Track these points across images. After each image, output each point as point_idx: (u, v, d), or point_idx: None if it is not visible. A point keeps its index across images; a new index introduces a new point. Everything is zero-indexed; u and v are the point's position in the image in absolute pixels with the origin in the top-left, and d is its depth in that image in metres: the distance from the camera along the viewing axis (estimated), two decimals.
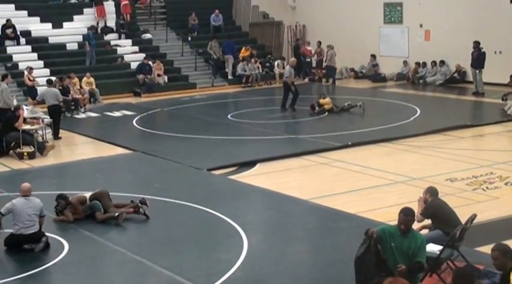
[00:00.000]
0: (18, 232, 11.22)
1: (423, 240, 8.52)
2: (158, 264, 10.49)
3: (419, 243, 8.43)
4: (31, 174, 16.72)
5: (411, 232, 8.51)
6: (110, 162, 17.82)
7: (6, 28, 29.47)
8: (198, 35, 33.38)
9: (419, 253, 8.40)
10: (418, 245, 8.40)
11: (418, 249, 8.40)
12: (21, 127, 18.50)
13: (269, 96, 28.41)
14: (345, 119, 22.46)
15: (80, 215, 12.76)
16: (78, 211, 12.74)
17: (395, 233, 8.53)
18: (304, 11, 35.46)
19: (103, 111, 25.34)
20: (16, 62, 28.72)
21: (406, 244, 8.43)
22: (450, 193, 13.32)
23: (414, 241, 8.43)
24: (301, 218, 12.80)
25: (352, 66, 33.13)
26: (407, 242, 8.44)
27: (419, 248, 8.40)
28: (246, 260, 10.49)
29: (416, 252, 8.39)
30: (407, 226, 8.47)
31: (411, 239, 8.44)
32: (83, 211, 12.79)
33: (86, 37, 29.94)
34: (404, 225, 8.47)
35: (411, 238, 8.46)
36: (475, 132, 19.85)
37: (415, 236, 8.50)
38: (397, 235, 8.50)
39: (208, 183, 15.51)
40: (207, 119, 23.33)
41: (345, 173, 15.82)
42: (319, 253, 11.02)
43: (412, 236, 8.48)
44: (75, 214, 12.73)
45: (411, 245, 8.41)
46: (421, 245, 8.42)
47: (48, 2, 32.36)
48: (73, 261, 10.89)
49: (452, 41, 28.74)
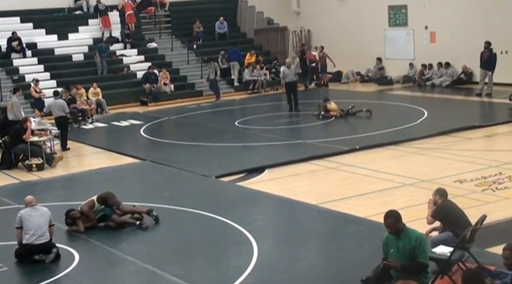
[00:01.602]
0: (28, 241, 11.23)
1: (420, 239, 8.39)
2: (169, 272, 10.49)
3: (414, 242, 8.32)
4: (40, 185, 16.76)
5: (404, 232, 8.43)
6: (118, 172, 17.84)
7: (12, 41, 29.57)
8: (203, 43, 33.42)
9: (419, 253, 8.33)
10: (413, 245, 8.30)
11: (416, 249, 8.31)
12: (29, 139, 18.55)
13: (276, 102, 28.39)
14: (352, 123, 22.44)
15: (93, 223, 12.78)
16: (90, 218, 12.77)
17: (391, 238, 8.51)
18: (308, 16, 35.48)
19: (110, 121, 25.38)
20: (23, 74, 28.80)
21: (401, 245, 8.39)
22: (459, 194, 13.29)
23: (408, 241, 8.36)
24: (311, 224, 12.79)
25: (358, 69, 33.12)
26: (402, 243, 8.39)
27: (416, 247, 8.30)
28: (257, 267, 10.49)
29: (415, 252, 8.33)
30: (391, 228, 8.42)
31: (405, 240, 8.38)
32: (94, 218, 12.81)
33: (98, 49, 30.01)
34: (388, 228, 8.45)
35: (405, 238, 8.39)
36: (483, 133, 19.80)
37: (408, 236, 8.40)
38: (392, 239, 8.49)
39: (217, 190, 15.51)
40: (214, 126, 23.35)
41: (354, 177, 15.80)
42: (330, 258, 11.00)
43: (405, 236, 8.40)
44: (88, 222, 12.75)
45: (406, 245, 8.35)
46: (417, 245, 8.30)
47: (53, 13, 32.45)
48: (84, 272, 10.90)
49: (458, 42, 28.71)
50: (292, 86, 25.16)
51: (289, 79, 25.08)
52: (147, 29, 34.00)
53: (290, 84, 25.12)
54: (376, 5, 32.11)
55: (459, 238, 9.26)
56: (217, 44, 33.37)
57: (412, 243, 8.33)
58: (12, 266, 11.21)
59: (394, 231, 8.43)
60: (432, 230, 10.06)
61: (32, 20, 31.25)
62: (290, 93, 24.95)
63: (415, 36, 31.01)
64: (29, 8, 31.38)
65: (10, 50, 29.64)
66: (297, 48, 35.47)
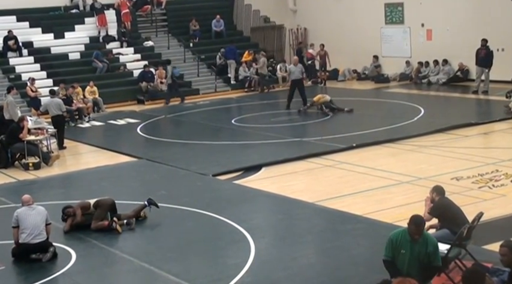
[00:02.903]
0: (25, 240, 11.23)
1: (435, 244, 8.44)
2: (166, 271, 10.49)
3: (432, 249, 8.36)
4: (37, 184, 16.74)
5: (422, 236, 8.46)
6: (115, 170, 17.83)
7: (8, 39, 29.53)
8: (200, 41, 33.41)
9: (435, 257, 8.38)
10: (430, 251, 8.35)
11: (432, 254, 8.35)
12: (25, 138, 18.53)
13: (272, 100, 28.40)
14: (349, 121, 22.44)
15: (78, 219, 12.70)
16: (77, 215, 12.70)
17: (405, 239, 8.46)
18: (305, 14, 35.48)
19: (107, 119, 25.36)
20: (19, 73, 28.77)
21: (417, 249, 8.39)
22: (456, 191, 13.29)
23: (425, 246, 8.37)
24: (308, 221, 12.79)
25: (354, 67, 33.14)
26: (418, 247, 8.39)
27: (433, 253, 8.36)
28: (254, 265, 10.48)
29: (430, 258, 8.34)
30: (418, 234, 8.41)
31: (422, 245, 8.39)
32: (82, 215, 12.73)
33: (95, 56, 30.01)
34: (418, 235, 8.42)
35: (422, 243, 8.41)
36: (480, 130, 19.81)
37: (426, 241, 8.42)
38: (407, 240, 8.44)
39: (214, 188, 15.51)
40: (211, 125, 23.35)
41: (351, 175, 15.80)
42: (328, 255, 11.00)
43: (423, 241, 8.42)
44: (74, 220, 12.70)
45: (422, 250, 8.37)
46: (434, 251, 8.37)
47: (50, 12, 32.41)
48: (81, 270, 10.89)
49: (454, 40, 28.73)
50: (299, 84, 25.35)
51: (294, 76, 25.29)
52: (143, 27, 33.96)
53: (296, 81, 25.29)
54: (372, 2, 32.12)
55: (456, 235, 9.27)
56: (213, 42, 33.37)
57: (429, 249, 8.35)
58: (9, 265, 11.20)
59: (418, 235, 8.41)
60: (429, 228, 10.06)
61: (28, 19, 31.22)
62: (294, 90, 25.13)
63: (411, 33, 31.03)
64: (25, 7, 31.36)
65: (6, 48, 29.60)
66: (293, 46, 35.48)
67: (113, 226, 12.48)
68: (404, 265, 8.42)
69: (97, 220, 12.63)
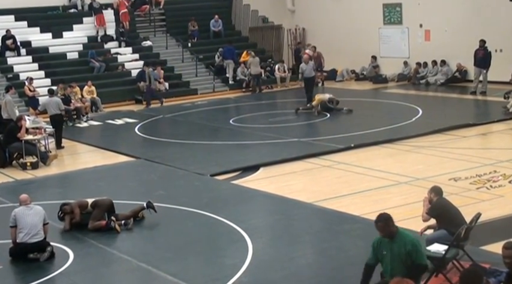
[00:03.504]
0: (22, 240, 11.23)
1: (415, 243, 8.34)
2: (164, 271, 10.49)
3: (410, 248, 8.26)
4: (35, 184, 16.74)
5: (398, 235, 8.36)
6: (113, 170, 17.82)
7: (7, 39, 29.51)
8: (198, 41, 33.42)
9: (416, 256, 8.30)
10: (409, 250, 8.24)
11: (413, 253, 8.26)
12: (23, 137, 18.52)
13: (270, 100, 28.41)
14: (346, 121, 22.45)
15: (76, 219, 12.71)
16: (75, 214, 12.72)
17: (383, 240, 8.44)
18: (303, 14, 35.48)
19: (105, 119, 25.35)
20: (17, 73, 28.76)
21: (396, 248, 8.32)
22: (454, 192, 13.30)
23: (403, 245, 8.28)
24: (306, 222, 12.79)
25: (352, 67, 33.14)
26: (397, 246, 8.32)
27: (413, 252, 8.25)
28: (252, 265, 10.48)
29: (411, 257, 8.28)
30: (384, 231, 8.36)
31: (400, 244, 8.31)
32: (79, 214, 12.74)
33: (91, 56, 30.02)
34: (381, 232, 8.40)
35: (399, 242, 8.32)
36: (478, 131, 19.83)
37: (403, 240, 8.32)
38: (385, 241, 8.40)
39: (211, 188, 15.51)
40: (209, 125, 23.34)
41: (348, 175, 15.81)
42: (325, 256, 11.00)
43: (399, 240, 8.33)
44: (73, 218, 12.71)
45: (400, 249, 8.28)
46: (413, 249, 8.26)
47: (48, 12, 32.39)
48: (78, 270, 10.88)
49: (452, 41, 28.74)
50: (311, 81, 25.77)
51: (306, 74, 25.63)
52: (141, 27, 33.96)
53: (308, 79, 25.62)
54: (370, 3, 32.12)
55: (454, 236, 9.27)
56: (212, 42, 33.38)
57: (407, 248, 8.26)
58: (6, 265, 11.20)
59: (387, 234, 8.38)
60: (427, 229, 10.07)
61: (26, 18, 31.20)
62: (309, 87, 25.53)
63: (409, 34, 31.04)
64: (23, 6, 31.33)
65: (4, 48, 29.58)
66: (292, 47, 35.48)
67: (112, 226, 12.47)
68: (388, 266, 8.39)
69: (94, 220, 12.63)
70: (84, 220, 12.72)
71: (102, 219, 12.68)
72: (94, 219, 12.64)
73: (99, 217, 12.70)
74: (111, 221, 12.54)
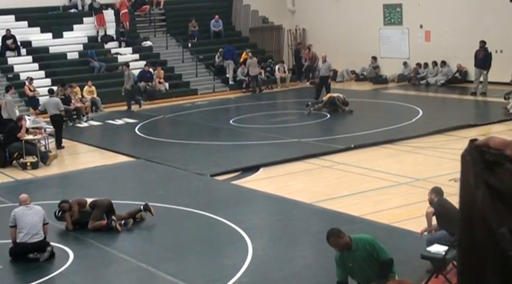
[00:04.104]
0: (22, 240, 11.23)
1: (369, 241, 8.32)
2: (163, 271, 10.49)
3: (369, 247, 8.24)
4: (35, 184, 16.73)
5: (353, 243, 8.33)
6: (113, 170, 17.82)
7: (7, 39, 29.52)
8: (198, 41, 33.42)
9: (378, 253, 8.26)
10: (368, 250, 8.22)
11: (373, 252, 8.24)
12: (23, 137, 18.52)
13: (270, 101, 28.41)
14: (347, 122, 22.45)
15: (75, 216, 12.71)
16: (74, 211, 12.71)
17: (343, 254, 8.38)
18: (303, 15, 35.48)
19: (105, 119, 25.34)
20: (17, 73, 28.76)
21: (358, 256, 8.28)
22: (454, 193, 13.09)
23: (363, 250, 8.27)
24: (306, 222, 12.79)
25: (353, 68, 33.14)
26: (358, 254, 8.29)
27: (372, 251, 8.24)
28: (251, 266, 10.48)
29: (373, 256, 8.25)
30: (338, 246, 8.33)
31: (359, 250, 8.29)
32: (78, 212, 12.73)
33: (90, 55, 30.04)
34: (336, 247, 8.37)
35: (358, 249, 8.30)
36: (478, 132, 19.80)
37: (360, 245, 8.30)
38: (346, 254, 8.36)
39: (211, 188, 15.51)
40: (209, 125, 23.34)
41: (348, 175, 15.80)
42: (325, 256, 10.97)
43: (357, 247, 8.30)
44: (72, 216, 12.71)
45: (363, 255, 8.26)
46: (371, 249, 8.24)
47: (48, 12, 32.40)
48: (78, 270, 10.89)
49: (452, 41, 28.73)
50: (325, 80, 26.30)
51: (321, 73, 26.38)
52: (142, 27, 33.97)
53: (323, 78, 26.32)
54: (371, 3, 32.12)
55: (454, 236, 9.26)
56: (212, 42, 33.39)
57: (366, 249, 8.24)
58: (6, 265, 11.20)
59: (343, 247, 8.32)
60: (426, 231, 10.07)
61: (26, 18, 31.21)
62: (322, 86, 26.06)
63: (410, 35, 31.04)
64: (23, 6, 31.33)
65: (5, 48, 29.58)
66: (292, 47, 35.47)
67: (112, 225, 12.48)
68: (359, 275, 8.37)
69: (94, 220, 12.62)
70: (82, 218, 12.71)
71: (101, 219, 12.68)
72: (94, 219, 12.64)
73: (99, 217, 12.70)
74: (112, 220, 12.54)
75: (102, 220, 12.67)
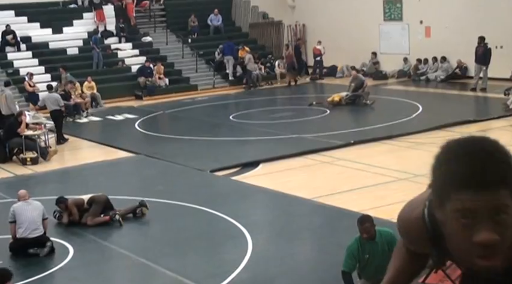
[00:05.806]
0: (22, 235, 11.24)
1: (391, 233, 8.24)
2: (163, 266, 10.50)
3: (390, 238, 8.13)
4: (35, 179, 16.74)
5: (377, 236, 8.31)
6: (113, 166, 17.83)
7: (7, 34, 29.49)
8: (198, 37, 33.39)
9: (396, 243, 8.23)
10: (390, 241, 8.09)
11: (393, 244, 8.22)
12: (23, 132, 18.52)
13: (270, 96, 28.40)
14: (346, 117, 22.46)
15: (75, 218, 12.72)
16: (73, 213, 12.72)
17: (362, 244, 8.31)
18: (303, 10, 35.44)
19: (105, 115, 25.34)
20: (17, 68, 28.73)
21: (379, 248, 8.23)
22: None
23: (384, 244, 8.21)
24: (306, 218, 12.79)
25: (352, 64, 32.95)
26: (380, 245, 8.25)
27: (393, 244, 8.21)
28: (251, 261, 10.49)
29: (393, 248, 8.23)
30: (369, 233, 8.28)
31: (380, 244, 8.25)
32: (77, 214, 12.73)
33: (94, 41, 30.02)
34: (366, 233, 8.29)
35: (380, 240, 8.28)
36: (478, 128, 19.79)
37: (381, 239, 8.27)
38: (365, 243, 8.30)
39: (211, 184, 15.51)
40: (209, 120, 23.33)
41: (348, 171, 15.81)
42: (325, 252, 11.01)
43: (379, 239, 8.28)
44: (71, 215, 12.71)
45: (384, 247, 8.20)
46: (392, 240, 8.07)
47: (48, 7, 32.37)
48: (78, 265, 10.90)
49: (452, 37, 28.71)
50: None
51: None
52: (141, 22, 33.94)
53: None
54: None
55: None
56: (212, 38, 33.36)
57: (389, 242, 8.12)
58: (6, 260, 11.20)
59: (371, 235, 8.30)
60: None
61: (26, 14, 31.15)
62: None
63: (410, 30, 31.02)
64: (23, 2, 31.29)
65: (4, 43, 29.56)
66: (292, 43, 35.45)
67: (116, 218, 12.51)
68: (373, 268, 8.24)
69: (94, 216, 12.63)
70: (83, 219, 12.72)
71: (100, 215, 12.68)
72: (94, 215, 12.64)
73: (98, 212, 12.70)
74: (115, 214, 12.56)
75: (100, 215, 12.67)
